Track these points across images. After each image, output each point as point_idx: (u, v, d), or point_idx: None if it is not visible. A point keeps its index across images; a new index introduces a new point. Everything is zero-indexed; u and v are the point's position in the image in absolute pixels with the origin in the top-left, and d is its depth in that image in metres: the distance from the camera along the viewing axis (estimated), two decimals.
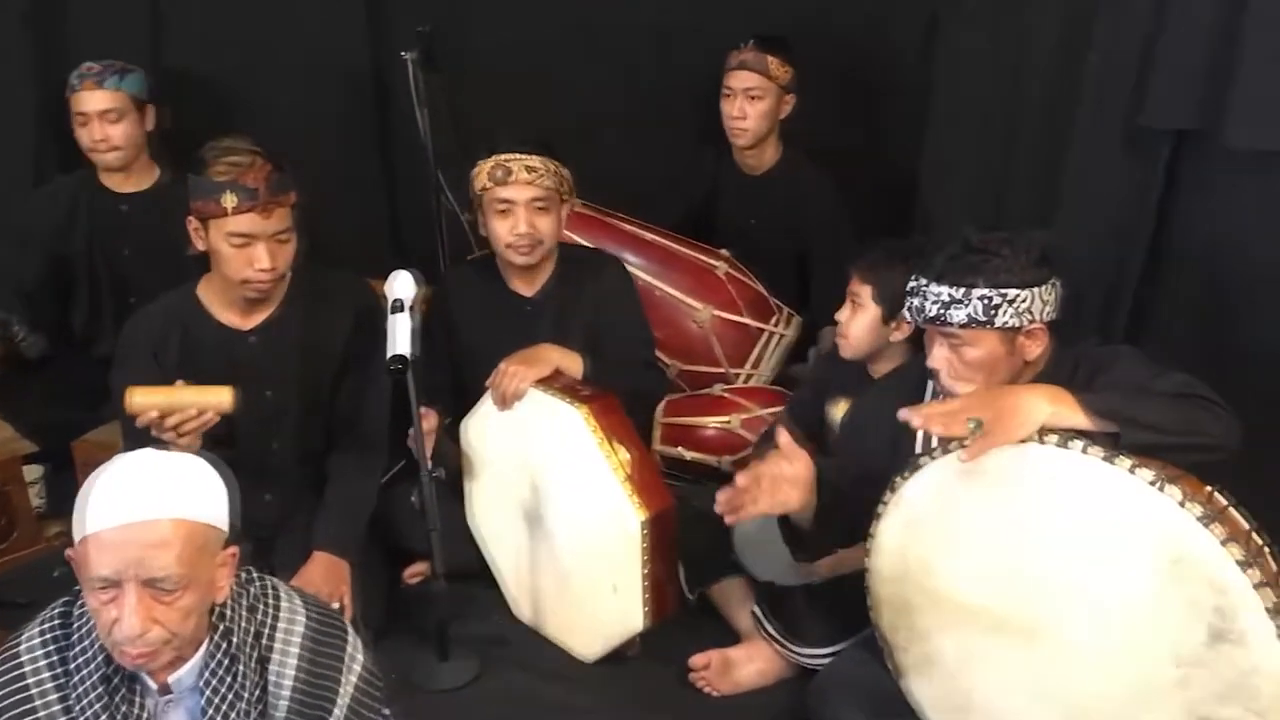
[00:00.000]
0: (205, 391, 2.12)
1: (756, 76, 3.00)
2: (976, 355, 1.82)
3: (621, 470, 2.17)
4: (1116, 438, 1.61)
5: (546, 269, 2.57)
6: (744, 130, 3.04)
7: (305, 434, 2.45)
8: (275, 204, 2.18)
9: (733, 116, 3.04)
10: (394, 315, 2.12)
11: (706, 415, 2.88)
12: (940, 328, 1.84)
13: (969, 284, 1.78)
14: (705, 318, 2.98)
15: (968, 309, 1.78)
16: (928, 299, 1.83)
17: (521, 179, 2.40)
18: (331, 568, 2.33)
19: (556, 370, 2.35)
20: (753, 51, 3.00)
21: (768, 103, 3.02)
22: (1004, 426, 1.66)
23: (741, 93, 3.01)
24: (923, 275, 1.85)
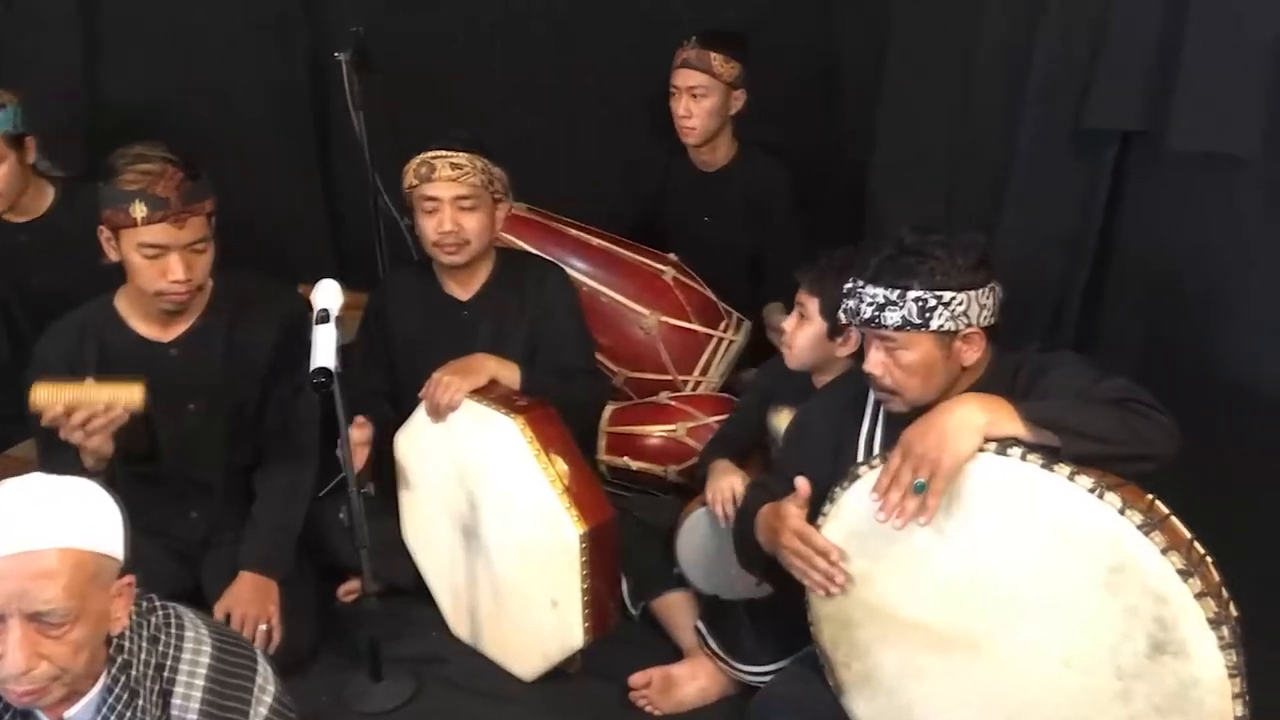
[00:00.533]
0: (114, 387, 2.03)
1: (700, 75, 2.95)
2: (912, 359, 1.77)
3: (559, 482, 2.10)
4: (1055, 450, 1.56)
5: (482, 272, 2.51)
6: (691, 129, 2.99)
7: (231, 449, 2.37)
8: (188, 213, 2.10)
9: (679, 115, 2.99)
10: (318, 326, 2.04)
11: (652, 424, 2.82)
12: (875, 330, 1.79)
13: (904, 286, 1.74)
14: (652, 324, 2.92)
15: (902, 311, 1.74)
16: (863, 300, 1.78)
17: (445, 175, 2.34)
18: (259, 588, 2.25)
19: (492, 380, 2.29)
20: (695, 49, 2.95)
21: (713, 100, 2.96)
22: (943, 461, 1.61)
23: (686, 91, 2.96)
24: (858, 277, 1.81)
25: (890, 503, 1.66)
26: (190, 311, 2.27)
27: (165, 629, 1.51)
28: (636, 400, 2.93)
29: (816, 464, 2.01)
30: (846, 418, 2.00)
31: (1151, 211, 2.28)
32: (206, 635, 1.52)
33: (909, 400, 1.81)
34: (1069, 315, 2.42)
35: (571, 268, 2.93)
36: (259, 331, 2.33)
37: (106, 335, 2.26)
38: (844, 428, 2.00)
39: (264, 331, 2.33)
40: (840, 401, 2.02)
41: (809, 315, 2.23)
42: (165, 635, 1.50)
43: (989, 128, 2.61)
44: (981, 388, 1.79)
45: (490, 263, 2.52)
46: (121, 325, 2.27)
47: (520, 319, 2.49)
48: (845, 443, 1.99)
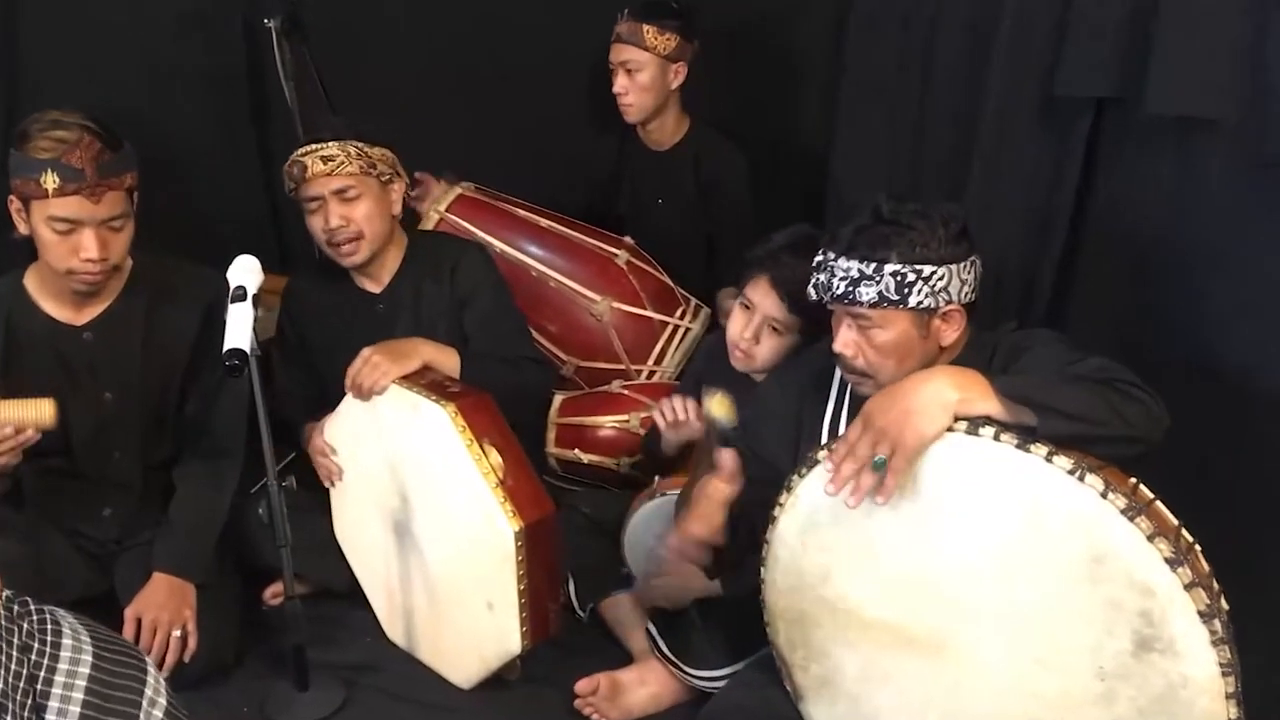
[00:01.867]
0: (21, 406, 1.88)
1: (631, 49, 2.80)
2: (887, 338, 1.64)
3: (493, 475, 1.94)
4: (1032, 430, 1.42)
5: (392, 260, 2.35)
6: (628, 105, 2.85)
7: (149, 442, 2.22)
8: (105, 187, 1.94)
9: (616, 92, 2.85)
10: (233, 305, 1.88)
11: (603, 414, 2.67)
12: (848, 307, 1.65)
13: (880, 259, 1.60)
14: (604, 310, 2.77)
15: (878, 286, 1.60)
16: (835, 274, 1.64)
17: (319, 171, 2.19)
18: (174, 591, 2.09)
19: (425, 366, 2.12)
20: (628, 22, 2.80)
21: (648, 74, 2.81)
22: (906, 439, 1.47)
23: (620, 66, 2.82)
24: (830, 249, 1.66)
25: (843, 475, 1.51)
26: (106, 293, 2.11)
27: (39, 635, 1.33)
28: (587, 390, 2.78)
29: (776, 449, 1.88)
30: (810, 398, 1.86)
31: (1126, 184, 2.15)
32: (87, 642, 1.35)
33: (881, 383, 1.67)
34: (1040, 293, 2.30)
35: (520, 250, 2.80)
36: (180, 316, 2.17)
37: (14, 316, 2.10)
38: (807, 409, 1.86)
39: (186, 316, 2.18)
40: (803, 379, 1.88)
41: (784, 330, 2.06)
42: (39, 643, 1.33)
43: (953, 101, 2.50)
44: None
45: (400, 249, 2.35)
46: (31, 306, 2.10)
47: (440, 307, 2.32)
48: (808, 425, 1.85)
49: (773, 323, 2.06)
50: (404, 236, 2.38)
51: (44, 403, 1.88)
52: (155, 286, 2.16)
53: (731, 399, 2.19)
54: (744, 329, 2.09)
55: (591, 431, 2.67)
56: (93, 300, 2.11)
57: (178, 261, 2.24)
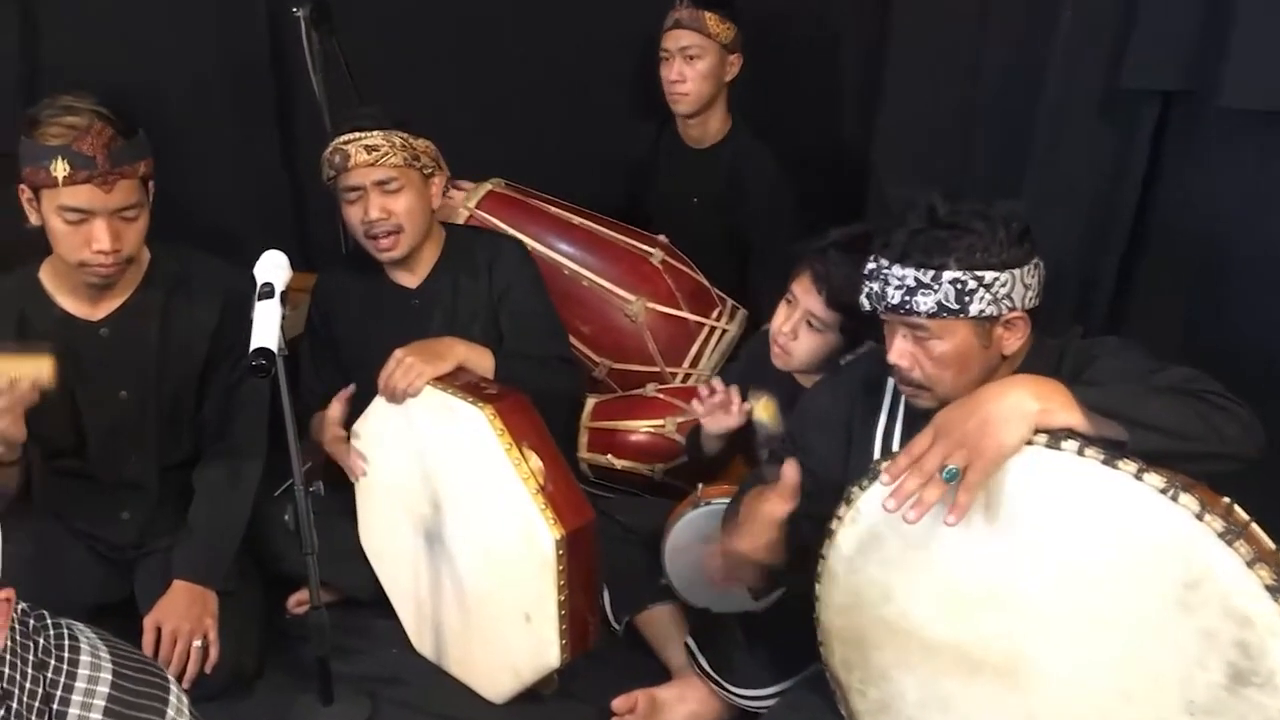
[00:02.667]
0: (18, 360, 1.77)
1: (693, 34, 2.71)
2: (945, 349, 1.53)
3: (533, 480, 1.85)
4: (1120, 445, 1.32)
5: (429, 254, 2.26)
6: (684, 95, 2.75)
7: (167, 441, 2.14)
8: (118, 175, 1.86)
9: (670, 80, 2.75)
10: (260, 302, 1.79)
11: (638, 419, 2.58)
12: (904, 317, 1.54)
13: (938, 265, 1.48)
14: (638, 311, 2.67)
15: (937, 295, 1.49)
16: (889, 283, 1.52)
17: (362, 161, 2.10)
18: (194, 599, 2.01)
19: (460, 367, 2.03)
20: (688, 8, 2.71)
21: (708, 62, 2.73)
22: (983, 451, 1.37)
23: (678, 53, 2.73)
24: (882, 255, 1.55)
25: (905, 490, 1.41)
26: (123, 287, 2.04)
27: (56, 651, 1.26)
28: (621, 393, 2.69)
29: (825, 458, 1.78)
30: (862, 406, 1.76)
31: (1197, 179, 2.04)
32: (106, 659, 1.27)
33: (939, 395, 1.57)
34: (1099, 294, 2.19)
35: (552, 248, 2.70)
36: (199, 310, 2.10)
37: (29, 311, 2.02)
38: (859, 418, 1.76)
39: (205, 310, 2.10)
40: (854, 386, 1.78)
41: (823, 329, 1.96)
42: (55, 659, 1.25)
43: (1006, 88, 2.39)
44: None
45: (437, 244, 2.27)
46: (45, 299, 2.02)
47: (476, 304, 2.24)
48: (860, 436, 1.75)
49: (811, 319, 1.97)
50: (441, 231, 2.30)
51: (42, 359, 1.77)
52: (172, 279, 2.09)
53: (776, 403, 2.10)
54: (784, 323, 2.00)
55: (625, 436, 2.58)
56: (109, 294, 2.03)
57: (195, 253, 2.16)
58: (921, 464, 1.42)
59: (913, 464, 1.43)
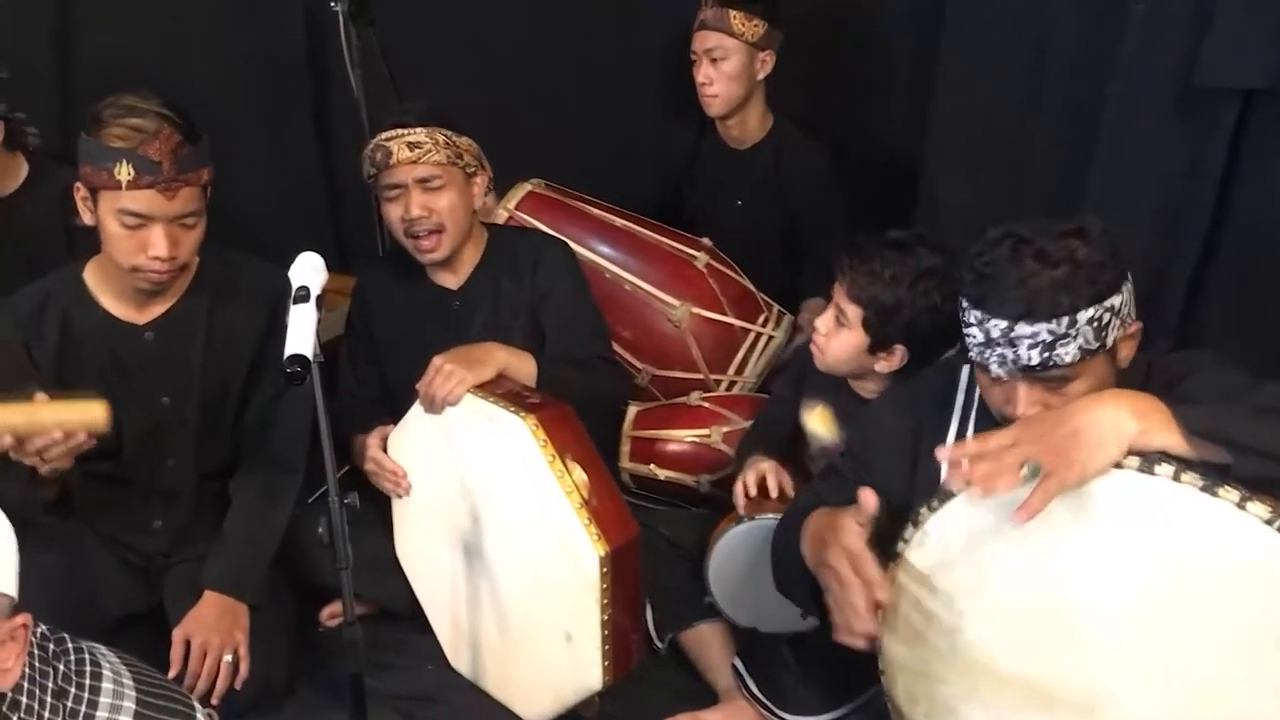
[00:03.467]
0: (70, 408, 1.73)
1: (719, 35, 2.62)
2: (1084, 388, 1.41)
3: (576, 494, 1.77)
4: (1222, 469, 1.22)
5: (471, 254, 2.20)
6: (713, 97, 2.67)
7: (206, 449, 2.08)
8: (181, 182, 1.81)
9: (699, 83, 2.67)
10: (295, 306, 1.72)
11: (682, 428, 2.49)
12: (1043, 373, 1.41)
13: (1070, 309, 1.36)
14: (682, 316, 2.59)
15: (1077, 341, 1.37)
16: (1019, 346, 1.38)
17: (404, 158, 2.04)
18: (226, 611, 1.94)
19: (501, 374, 1.96)
20: (713, 7, 2.62)
21: (735, 63, 2.63)
22: (1069, 464, 1.27)
23: (705, 55, 2.64)
24: (995, 315, 1.39)
25: (977, 472, 1.31)
26: (171, 291, 1.99)
27: (77, 679, 1.19)
28: (663, 401, 2.60)
29: (888, 476, 1.68)
30: (930, 417, 1.67)
31: (1276, 184, 1.94)
32: (129, 685, 1.21)
33: None
34: (1169, 302, 2.09)
35: (593, 251, 2.63)
36: (244, 316, 2.04)
37: (71, 312, 1.97)
38: (926, 433, 1.66)
39: (249, 316, 2.04)
40: (921, 401, 1.69)
41: (849, 323, 1.89)
42: (76, 687, 1.19)
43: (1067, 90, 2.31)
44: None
45: (479, 244, 2.21)
46: (90, 301, 1.97)
47: (519, 304, 2.18)
48: (926, 454, 1.65)
49: (840, 314, 1.90)
50: (483, 231, 2.23)
51: (95, 405, 1.73)
52: (218, 284, 2.03)
53: (833, 413, 2.02)
54: (820, 319, 1.93)
55: (669, 446, 2.49)
56: (157, 299, 1.98)
57: (241, 257, 2.10)
58: (1000, 456, 1.32)
59: (984, 451, 1.34)
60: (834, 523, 1.54)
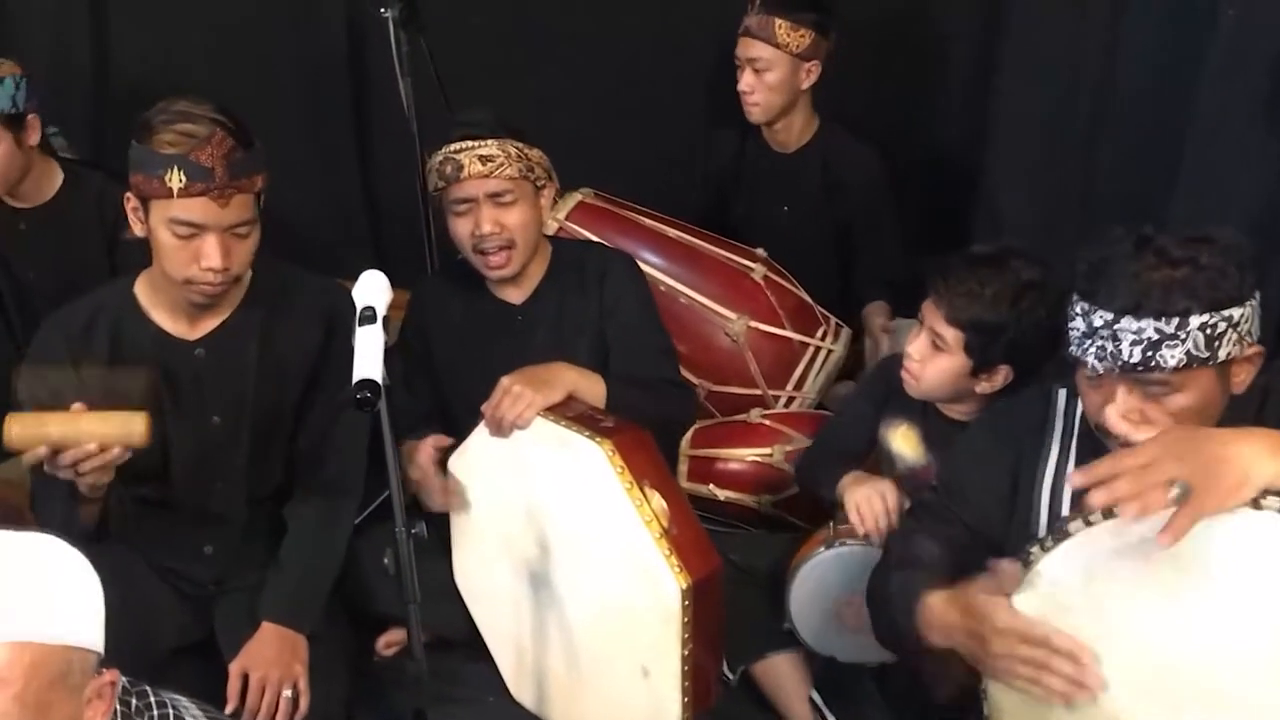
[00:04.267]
0: (108, 420, 1.65)
1: (760, 45, 2.54)
2: (1187, 403, 1.34)
3: (656, 523, 1.70)
4: None
5: (536, 271, 2.13)
6: (754, 106, 2.60)
7: (259, 471, 1.99)
8: (235, 189, 1.73)
9: (741, 91, 2.60)
10: (362, 328, 1.64)
11: (742, 446, 2.41)
12: (1143, 374, 1.35)
13: (1183, 310, 1.29)
14: (739, 330, 2.51)
15: (1184, 345, 1.30)
16: (1122, 340, 1.32)
17: (475, 172, 1.96)
18: (284, 643, 1.86)
19: (570, 395, 1.88)
20: (758, 14, 2.54)
21: (777, 74, 2.56)
22: (1216, 486, 1.19)
23: (748, 64, 2.57)
24: (1104, 308, 1.34)
25: (1116, 491, 1.20)
26: (224, 305, 1.90)
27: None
28: (722, 418, 2.53)
29: (982, 509, 1.61)
30: (1029, 446, 1.58)
31: None
32: None
33: None
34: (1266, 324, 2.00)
35: (645, 263, 2.52)
36: (300, 332, 1.95)
37: (123, 326, 1.88)
38: (1024, 467, 1.58)
39: (304, 332, 1.95)
40: (1018, 429, 1.60)
41: (947, 348, 1.81)
42: None
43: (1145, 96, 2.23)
44: (1224, 419, 1.38)
45: (544, 258, 2.14)
46: (141, 316, 1.89)
47: (584, 320, 2.11)
48: (1025, 487, 1.57)
49: (936, 339, 1.81)
50: (548, 245, 2.16)
51: (135, 416, 1.65)
52: (272, 298, 1.95)
53: (918, 433, 1.94)
54: (913, 345, 1.84)
55: (728, 465, 2.42)
56: (209, 313, 1.89)
57: (294, 269, 2.02)
58: (1145, 472, 1.21)
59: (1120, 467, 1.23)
60: (972, 607, 1.38)
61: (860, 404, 2.09)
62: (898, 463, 1.96)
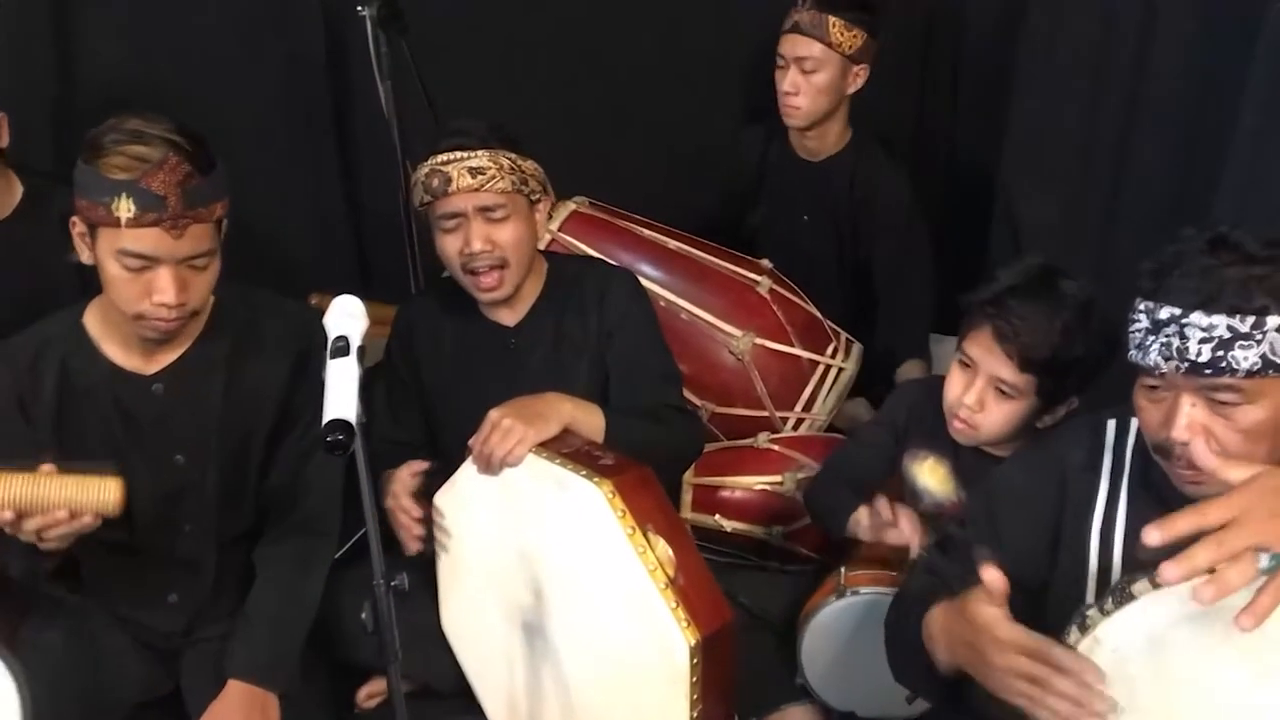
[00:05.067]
0: (81, 486, 1.51)
1: (811, 43, 2.38)
2: (1260, 416, 1.22)
3: (660, 572, 1.54)
4: None
5: (530, 290, 1.97)
6: (795, 109, 2.43)
7: (227, 513, 1.83)
8: (190, 219, 1.57)
9: (784, 92, 2.43)
10: (334, 361, 1.48)
11: (750, 473, 2.26)
12: (1213, 378, 1.22)
13: (1260, 308, 1.18)
14: (745, 347, 2.36)
15: (1260, 347, 1.18)
16: (1190, 338, 1.20)
17: (465, 185, 1.81)
18: (254, 704, 1.72)
19: (566, 429, 1.73)
20: (810, 10, 2.38)
21: (826, 76, 2.40)
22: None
23: (795, 63, 2.40)
24: (1170, 302, 1.22)
25: (1193, 562, 1.04)
26: (183, 336, 1.74)
27: None
28: (727, 443, 2.37)
29: (1023, 550, 1.45)
30: (1075, 486, 1.43)
31: None
32: None
33: None
34: None
35: (644, 277, 2.35)
36: (270, 364, 1.80)
37: (71, 363, 1.72)
38: (1070, 506, 1.43)
39: (276, 364, 1.80)
40: (1062, 464, 1.45)
41: (1016, 394, 1.65)
42: None
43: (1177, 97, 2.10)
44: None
45: (540, 276, 1.99)
46: (91, 349, 1.73)
47: (582, 343, 1.96)
48: (1071, 529, 1.42)
49: (1000, 384, 1.65)
50: (544, 262, 2.01)
51: (109, 483, 1.51)
52: (239, 327, 1.79)
53: (947, 466, 1.79)
54: (964, 392, 1.68)
55: (735, 493, 2.26)
56: (166, 345, 1.73)
57: (266, 295, 1.86)
58: (1223, 538, 1.05)
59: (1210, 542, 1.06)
60: (969, 616, 1.28)
61: (877, 431, 1.93)
62: (923, 498, 1.81)
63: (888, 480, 1.89)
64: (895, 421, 1.89)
